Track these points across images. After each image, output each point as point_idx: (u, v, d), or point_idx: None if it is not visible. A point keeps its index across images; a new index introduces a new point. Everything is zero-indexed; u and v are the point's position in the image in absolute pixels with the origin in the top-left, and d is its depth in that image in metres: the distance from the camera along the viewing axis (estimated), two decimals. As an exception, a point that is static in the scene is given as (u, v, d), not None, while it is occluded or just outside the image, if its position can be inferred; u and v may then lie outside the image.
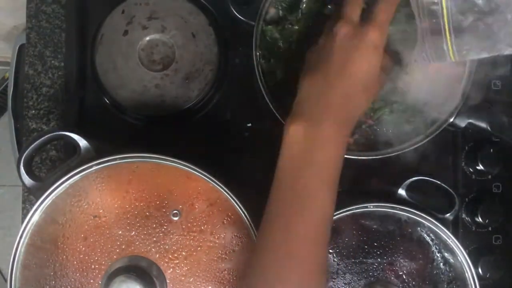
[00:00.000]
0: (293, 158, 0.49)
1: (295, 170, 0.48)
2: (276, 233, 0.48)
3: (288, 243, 0.47)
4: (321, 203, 0.48)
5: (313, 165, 0.48)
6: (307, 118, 0.49)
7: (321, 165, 0.48)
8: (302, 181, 0.48)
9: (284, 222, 0.48)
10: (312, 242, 0.47)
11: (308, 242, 0.47)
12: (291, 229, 0.47)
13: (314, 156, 0.48)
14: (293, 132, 0.49)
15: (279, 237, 0.47)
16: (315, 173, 0.48)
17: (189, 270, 0.55)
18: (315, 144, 0.48)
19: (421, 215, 0.60)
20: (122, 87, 0.66)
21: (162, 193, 0.56)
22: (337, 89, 0.49)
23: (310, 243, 0.47)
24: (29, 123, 0.70)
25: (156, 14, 0.66)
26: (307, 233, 0.47)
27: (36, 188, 0.56)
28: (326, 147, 0.48)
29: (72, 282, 0.55)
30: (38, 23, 0.71)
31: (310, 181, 0.47)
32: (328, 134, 0.48)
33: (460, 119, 0.61)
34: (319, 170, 0.48)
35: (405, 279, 0.60)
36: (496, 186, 0.68)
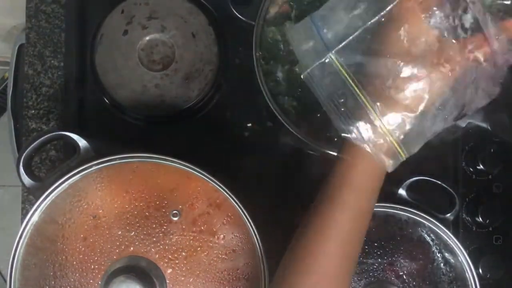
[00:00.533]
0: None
1: (332, 182, 0.49)
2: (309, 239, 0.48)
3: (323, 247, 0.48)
4: (353, 209, 0.49)
5: (346, 176, 0.48)
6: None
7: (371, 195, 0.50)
8: (337, 190, 0.48)
9: (320, 227, 0.48)
10: (346, 247, 0.49)
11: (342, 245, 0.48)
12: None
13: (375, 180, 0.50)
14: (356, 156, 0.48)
15: (312, 241, 0.48)
16: (349, 182, 0.48)
17: (189, 270, 0.55)
18: (377, 169, 0.49)
19: (421, 215, 0.60)
20: (122, 87, 0.66)
21: (162, 193, 0.56)
22: None
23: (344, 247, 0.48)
24: (28, 123, 0.70)
25: (156, 14, 0.66)
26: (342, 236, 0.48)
27: (36, 188, 0.56)
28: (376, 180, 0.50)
29: (72, 282, 0.55)
30: (37, 23, 0.71)
31: (344, 189, 0.48)
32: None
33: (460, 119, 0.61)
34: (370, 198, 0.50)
35: (405, 279, 0.60)
36: (496, 186, 0.68)
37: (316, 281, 0.47)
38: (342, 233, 0.48)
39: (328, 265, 0.47)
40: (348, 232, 0.48)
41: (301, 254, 0.48)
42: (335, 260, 0.48)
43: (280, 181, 0.68)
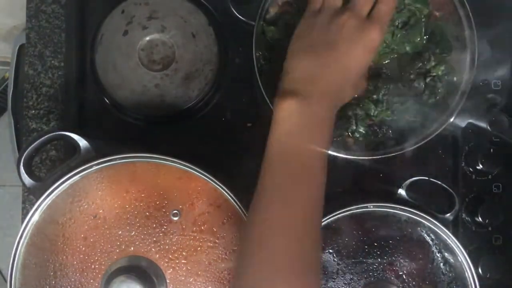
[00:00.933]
0: (286, 133, 0.49)
1: (289, 145, 0.49)
2: (273, 207, 0.48)
3: (286, 214, 0.47)
4: (316, 173, 0.49)
5: (308, 138, 0.49)
6: (302, 96, 0.49)
7: (315, 138, 0.49)
8: (297, 155, 0.48)
9: (280, 195, 0.48)
10: (310, 211, 0.48)
11: (305, 211, 0.48)
12: (289, 200, 0.48)
13: (308, 130, 0.49)
14: (286, 107, 0.49)
15: (277, 210, 0.48)
16: (310, 147, 0.49)
17: (189, 270, 0.55)
18: (310, 118, 0.49)
19: (421, 215, 0.60)
20: (122, 87, 0.66)
21: (162, 193, 0.56)
22: (333, 76, 0.50)
23: (308, 212, 0.48)
24: (29, 123, 0.70)
25: (156, 14, 0.66)
26: (305, 203, 0.48)
27: (36, 188, 0.56)
28: (321, 122, 0.50)
29: (72, 282, 0.55)
30: (38, 23, 0.71)
31: (305, 154, 0.49)
32: (322, 111, 0.50)
33: (460, 119, 0.61)
34: (314, 143, 0.49)
35: (405, 279, 0.60)
36: (496, 186, 0.68)
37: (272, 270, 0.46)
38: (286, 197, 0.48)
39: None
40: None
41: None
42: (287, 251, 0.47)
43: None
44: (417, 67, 0.61)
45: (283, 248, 0.46)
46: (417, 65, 0.60)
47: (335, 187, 0.68)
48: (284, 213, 0.47)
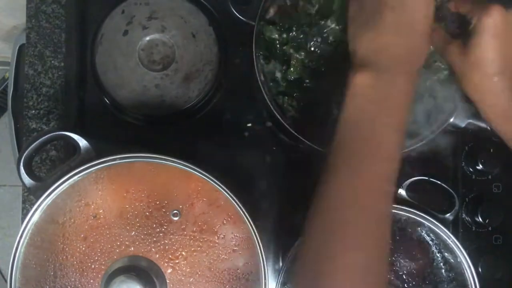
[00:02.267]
0: (361, 108, 0.48)
1: (364, 120, 0.47)
2: (342, 182, 0.47)
3: (357, 189, 0.46)
4: (391, 149, 0.47)
5: (383, 113, 0.47)
6: (375, 69, 0.48)
7: (392, 113, 0.47)
8: (371, 130, 0.47)
9: (351, 170, 0.46)
10: (381, 189, 0.47)
11: (376, 188, 0.46)
12: (360, 175, 0.46)
13: (384, 104, 0.47)
14: (360, 82, 0.48)
15: (346, 185, 0.46)
16: (386, 121, 0.47)
17: (189, 270, 0.55)
18: (386, 92, 0.48)
19: (421, 215, 0.60)
20: (122, 87, 0.66)
21: (162, 193, 0.56)
22: (405, 40, 0.49)
23: (378, 190, 0.46)
24: (29, 123, 0.70)
25: (156, 14, 0.66)
26: (375, 180, 0.46)
27: (36, 188, 0.56)
28: (396, 95, 0.48)
29: (72, 282, 0.55)
30: (38, 23, 0.71)
31: (381, 129, 0.47)
32: (398, 82, 0.48)
33: (460, 119, 0.61)
34: (390, 118, 0.47)
35: (405, 279, 0.60)
36: (496, 186, 0.68)
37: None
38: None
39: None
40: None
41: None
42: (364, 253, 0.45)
43: (280, 181, 0.68)
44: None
45: (351, 224, 0.45)
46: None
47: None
48: (353, 190, 0.46)
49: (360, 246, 0.44)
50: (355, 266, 0.44)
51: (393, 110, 0.48)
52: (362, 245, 0.44)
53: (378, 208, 0.46)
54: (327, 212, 0.46)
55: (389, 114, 0.47)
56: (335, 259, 0.44)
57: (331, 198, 0.47)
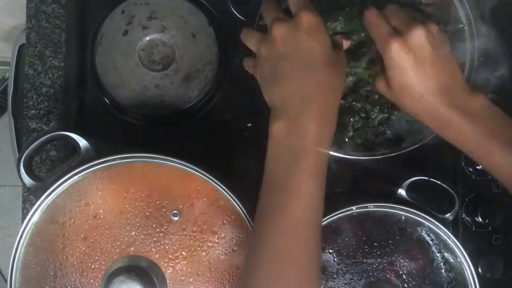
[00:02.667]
0: (277, 156, 0.50)
1: (280, 167, 0.49)
2: (266, 229, 0.49)
3: (277, 237, 0.48)
4: (307, 193, 0.48)
5: (297, 159, 0.48)
6: (286, 118, 0.49)
7: (305, 158, 0.48)
8: (287, 176, 0.48)
9: (272, 217, 0.48)
10: (301, 234, 0.48)
11: (297, 234, 0.48)
12: (280, 223, 0.48)
13: (297, 151, 0.49)
14: (276, 131, 0.50)
15: (269, 233, 0.48)
16: (301, 167, 0.48)
17: (189, 270, 0.55)
18: (297, 139, 0.49)
19: (421, 215, 0.60)
20: (122, 87, 0.66)
21: (162, 193, 0.56)
22: (307, 85, 0.50)
23: (299, 235, 0.48)
24: (29, 123, 0.70)
25: (156, 14, 0.66)
26: (295, 226, 0.48)
27: (36, 188, 0.56)
28: (309, 141, 0.49)
29: (72, 282, 0.55)
30: (38, 23, 0.71)
31: (296, 175, 0.48)
32: (309, 127, 0.49)
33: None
34: (304, 163, 0.48)
35: (405, 279, 0.60)
36: (496, 186, 0.68)
37: (292, 270, 0.47)
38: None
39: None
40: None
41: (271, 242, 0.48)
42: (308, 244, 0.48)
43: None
44: None
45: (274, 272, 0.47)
46: None
47: (335, 187, 0.68)
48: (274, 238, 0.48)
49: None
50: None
51: (305, 156, 0.48)
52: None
53: (304, 255, 0.48)
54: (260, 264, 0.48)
55: (300, 160, 0.48)
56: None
57: (262, 250, 0.48)
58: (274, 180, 0.49)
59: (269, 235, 0.48)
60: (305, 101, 0.49)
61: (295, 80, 0.50)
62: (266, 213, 0.49)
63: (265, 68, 0.53)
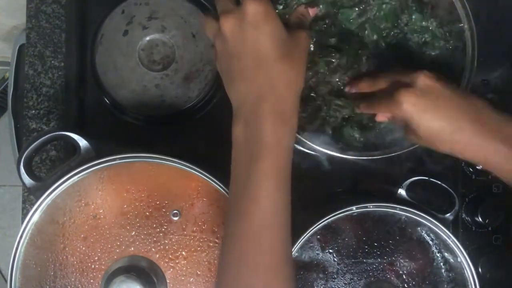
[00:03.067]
0: (238, 157, 0.49)
1: (241, 168, 0.48)
2: (230, 234, 0.48)
3: (240, 241, 0.47)
4: (268, 198, 0.47)
5: (256, 163, 0.47)
6: (244, 119, 0.48)
7: (263, 161, 0.47)
8: (247, 177, 0.47)
9: (236, 222, 0.47)
10: (265, 238, 0.47)
11: (259, 239, 0.47)
12: (242, 228, 0.47)
13: (254, 150, 0.47)
14: (236, 133, 0.49)
15: (234, 238, 0.48)
16: (259, 167, 0.47)
17: (189, 270, 0.55)
18: (254, 139, 0.47)
19: (421, 215, 0.60)
20: (122, 87, 0.66)
21: (162, 193, 0.56)
22: (258, 85, 0.48)
23: (262, 240, 0.47)
24: (29, 123, 0.70)
25: (156, 14, 0.66)
26: (258, 230, 0.47)
27: (36, 188, 0.56)
28: (265, 141, 0.47)
29: (72, 282, 0.55)
30: (38, 23, 0.71)
31: (255, 176, 0.47)
32: (264, 127, 0.47)
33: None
34: (262, 163, 0.47)
35: (405, 279, 0.60)
36: (496, 186, 0.68)
37: (263, 277, 0.46)
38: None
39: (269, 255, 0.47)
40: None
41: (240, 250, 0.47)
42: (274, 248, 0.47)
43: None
44: None
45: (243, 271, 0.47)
46: None
47: (335, 187, 0.68)
48: (241, 242, 0.47)
49: None
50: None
51: (262, 155, 0.47)
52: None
53: (270, 259, 0.47)
54: (227, 268, 0.48)
55: (260, 162, 0.47)
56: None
57: (228, 255, 0.48)
58: (237, 184, 0.48)
59: (233, 239, 0.47)
60: (259, 100, 0.47)
61: (247, 80, 0.48)
62: (231, 218, 0.48)
63: (222, 65, 0.51)
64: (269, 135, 0.47)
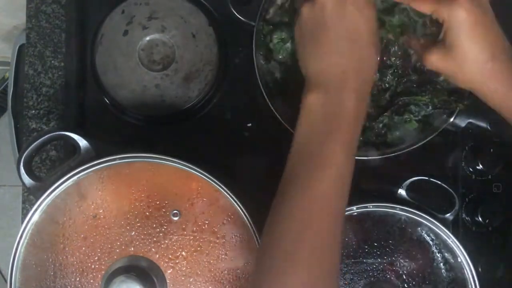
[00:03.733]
0: (311, 125, 0.49)
1: (313, 136, 0.48)
2: (293, 194, 0.47)
3: (306, 202, 0.46)
4: (338, 163, 0.47)
5: (331, 130, 0.48)
6: (323, 88, 0.49)
7: (339, 129, 0.48)
8: (319, 145, 0.48)
9: (301, 183, 0.47)
10: (329, 203, 0.47)
11: (325, 201, 0.47)
12: (310, 187, 0.47)
13: (332, 121, 0.48)
14: (312, 101, 0.49)
15: (297, 197, 0.47)
16: (333, 138, 0.48)
17: (189, 270, 0.55)
18: (334, 110, 0.48)
19: (421, 215, 0.60)
20: (122, 87, 0.66)
21: (162, 193, 0.56)
22: (349, 57, 0.49)
23: (327, 203, 0.47)
24: (29, 123, 0.70)
25: (156, 14, 0.66)
26: (325, 193, 0.47)
27: (36, 188, 0.56)
28: (344, 112, 0.48)
29: (72, 281, 0.55)
30: (38, 23, 0.71)
31: (328, 145, 0.47)
32: (346, 100, 0.48)
33: (460, 119, 0.61)
34: (337, 134, 0.48)
35: (405, 279, 0.60)
36: (496, 186, 0.68)
37: (300, 282, 0.44)
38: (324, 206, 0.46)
39: (309, 261, 0.45)
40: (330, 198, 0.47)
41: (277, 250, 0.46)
42: (316, 253, 0.45)
43: (280, 181, 0.68)
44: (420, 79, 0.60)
45: (301, 239, 0.45)
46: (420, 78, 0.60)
47: (335, 187, 0.68)
48: (303, 202, 0.46)
49: (309, 265, 0.45)
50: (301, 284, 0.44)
51: (340, 127, 0.48)
52: (311, 263, 0.45)
53: (325, 229, 0.46)
54: (281, 232, 0.47)
55: (336, 130, 0.48)
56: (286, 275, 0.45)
57: (285, 218, 0.47)
58: (304, 148, 0.48)
59: (294, 202, 0.47)
60: (346, 75, 0.49)
61: (336, 52, 0.50)
62: (292, 181, 0.48)
63: (305, 29, 0.52)
64: (351, 107, 0.48)
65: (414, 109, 0.60)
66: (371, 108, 0.60)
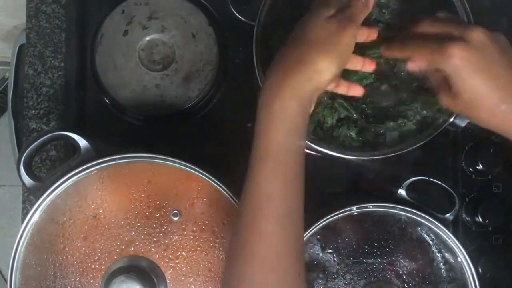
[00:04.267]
0: (259, 125, 0.49)
1: (263, 132, 0.49)
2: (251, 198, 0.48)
3: (255, 185, 0.47)
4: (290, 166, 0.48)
5: (269, 133, 0.48)
6: (266, 95, 0.49)
7: (284, 133, 0.48)
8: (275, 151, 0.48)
9: (252, 171, 0.48)
10: (283, 186, 0.47)
11: (280, 183, 0.47)
12: (259, 173, 0.47)
13: (273, 125, 0.48)
14: (262, 101, 0.50)
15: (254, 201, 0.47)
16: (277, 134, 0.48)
17: (189, 270, 0.55)
18: (273, 114, 0.49)
19: (421, 215, 0.60)
20: (122, 87, 0.66)
21: (162, 193, 0.56)
22: (293, 53, 0.48)
23: (281, 185, 0.47)
24: (29, 123, 0.70)
25: (156, 14, 0.66)
26: (274, 176, 0.47)
27: (36, 188, 0.56)
28: (288, 116, 0.48)
29: (72, 281, 0.55)
30: (38, 23, 0.71)
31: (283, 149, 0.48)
32: (286, 103, 0.48)
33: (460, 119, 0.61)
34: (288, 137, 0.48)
35: (405, 279, 0.60)
36: (496, 186, 0.68)
37: (258, 269, 0.45)
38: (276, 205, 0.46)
39: (266, 248, 0.45)
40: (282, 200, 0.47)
41: (239, 241, 0.47)
42: (272, 240, 0.45)
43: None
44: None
45: (269, 237, 0.45)
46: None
47: (335, 187, 0.68)
48: (253, 187, 0.47)
49: None
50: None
51: (286, 131, 0.48)
52: None
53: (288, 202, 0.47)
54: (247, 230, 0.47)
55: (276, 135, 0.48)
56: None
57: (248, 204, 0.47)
58: (259, 145, 0.49)
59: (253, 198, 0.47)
60: (286, 73, 0.49)
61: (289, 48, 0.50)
62: (249, 173, 0.48)
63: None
64: (293, 107, 0.49)
65: (409, 114, 0.60)
66: (369, 109, 0.60)
